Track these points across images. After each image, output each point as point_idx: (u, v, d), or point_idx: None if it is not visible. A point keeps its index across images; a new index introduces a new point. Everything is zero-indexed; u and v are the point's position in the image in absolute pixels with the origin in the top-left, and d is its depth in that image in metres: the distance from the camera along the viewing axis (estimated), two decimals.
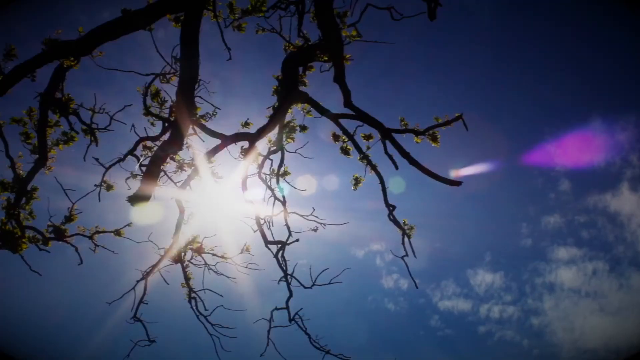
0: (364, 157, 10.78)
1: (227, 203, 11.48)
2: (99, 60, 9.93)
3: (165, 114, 11.01)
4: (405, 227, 10.85)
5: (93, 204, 11.11)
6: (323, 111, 10.23)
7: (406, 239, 10.86)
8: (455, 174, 10.32)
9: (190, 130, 10.64)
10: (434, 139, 10.33)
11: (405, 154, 9.92)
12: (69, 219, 11.01)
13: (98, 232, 11.30)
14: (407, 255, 10.86)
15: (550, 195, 29.89)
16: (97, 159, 11.04)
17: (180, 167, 11.62)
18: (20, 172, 10.43)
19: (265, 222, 11.32)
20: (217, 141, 9.83)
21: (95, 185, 11.13)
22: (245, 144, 10.51)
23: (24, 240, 10.28)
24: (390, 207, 10.78)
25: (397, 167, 10.26)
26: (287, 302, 11.43)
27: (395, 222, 10.85)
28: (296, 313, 11.33)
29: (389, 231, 10.97)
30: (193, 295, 11.55)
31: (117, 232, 11.39)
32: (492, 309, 30.04)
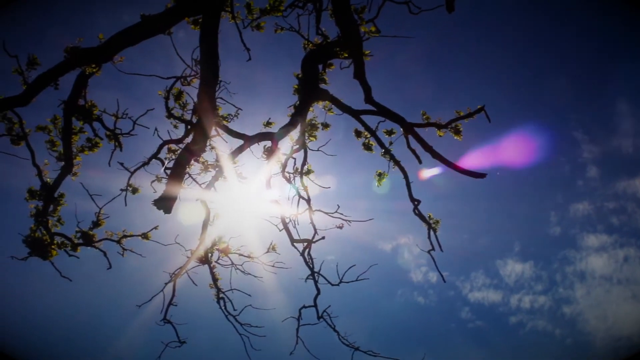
0: (387, 153, 10.77)
1: (252, 203, 11.51)
2: (120, 65, 10.02)
3: (187, 116, 11.07)
4: (431, 221, 10.82)
5: (120, 207, 11.21)
6: (344, 108, 10.22)
7: (432, 233, 10.83)
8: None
9: (213, 132, 10.67)
10: (457, 132, 10.28)
11: (428, 148, 9.89)
12: (96, 224, 11.10)
13: (125, 236, 11.37)
14: (433, 249, 10.84)
15: (579, 183, 29.54)
16: (122, 164, 11.12)
17: (205, 169, 11.65)
18: (47, 179, 10.56)
19: (290, 220, 11.34)
20: (240, 141, 9.87)
21: (121, 189, 11.22)
22: (268, 143, 10.55)
23: (53, 247, 10.38)
24: (415, 202, 10.75)
25: (420, 161, 10.25)
26: (315, 299, 11.44)
27: (420, 216, 10.82)
28: (324, 310, 11.35)
29: (416, 225, 10.95)
30: (221, 295, 11.59)
31: (145, 236, 11.46)
32: (523, 299, 29.80)
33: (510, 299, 30.11)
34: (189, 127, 10.85)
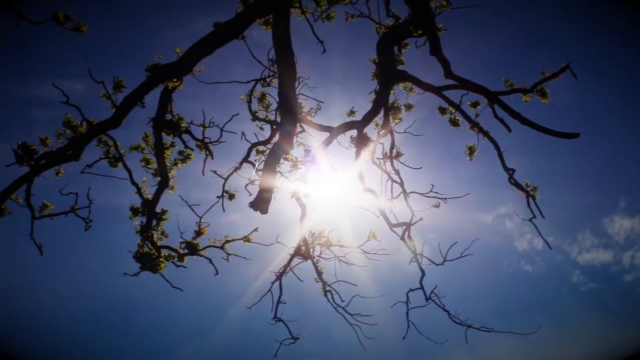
0: (475, 125, 10.56)
1: (346, 193, 11.54)
2: (200, 75, 10.23)
3: (271, 117, 11.21)
4: (529, 189, 10.54)
5: (218, 213, 11.43)
6: (425, 86, 10.11)
7: (531, 201, 10.55)
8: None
9: (299, 128, 10.77)
10: (543, 94, 9.97)
11: (515, 115, 9.64)
12: (199, 233, 11.34)
13: (228, 242, 11.52)
14: (535, 216, 10.54)
15: None
16: (214, 171, 11.36)
17: (295, 165, 11.76)
18: (147, 196, 10.90)
19: (386, 205, 11.30)
20: (327, 134, 9.93)
21: (217, 196, 11.46)
22: (354, 132, 10.56)
23: (161, 259, 10.70)
24: (510, 171, 10.49)
25: (509, 130, 9.98)
26: (420, 281, 11.34)
27: (517, 185, 10.55)
28: (432, 291, 11.21)
29: (513, 193, 10.70)
30: (328, 288, 11.65)
31: (246, 239, 11.62)
32: (636, 255, 28.55)
33: (622, 257, 28.94)
34: (274, 127, 10.98)
